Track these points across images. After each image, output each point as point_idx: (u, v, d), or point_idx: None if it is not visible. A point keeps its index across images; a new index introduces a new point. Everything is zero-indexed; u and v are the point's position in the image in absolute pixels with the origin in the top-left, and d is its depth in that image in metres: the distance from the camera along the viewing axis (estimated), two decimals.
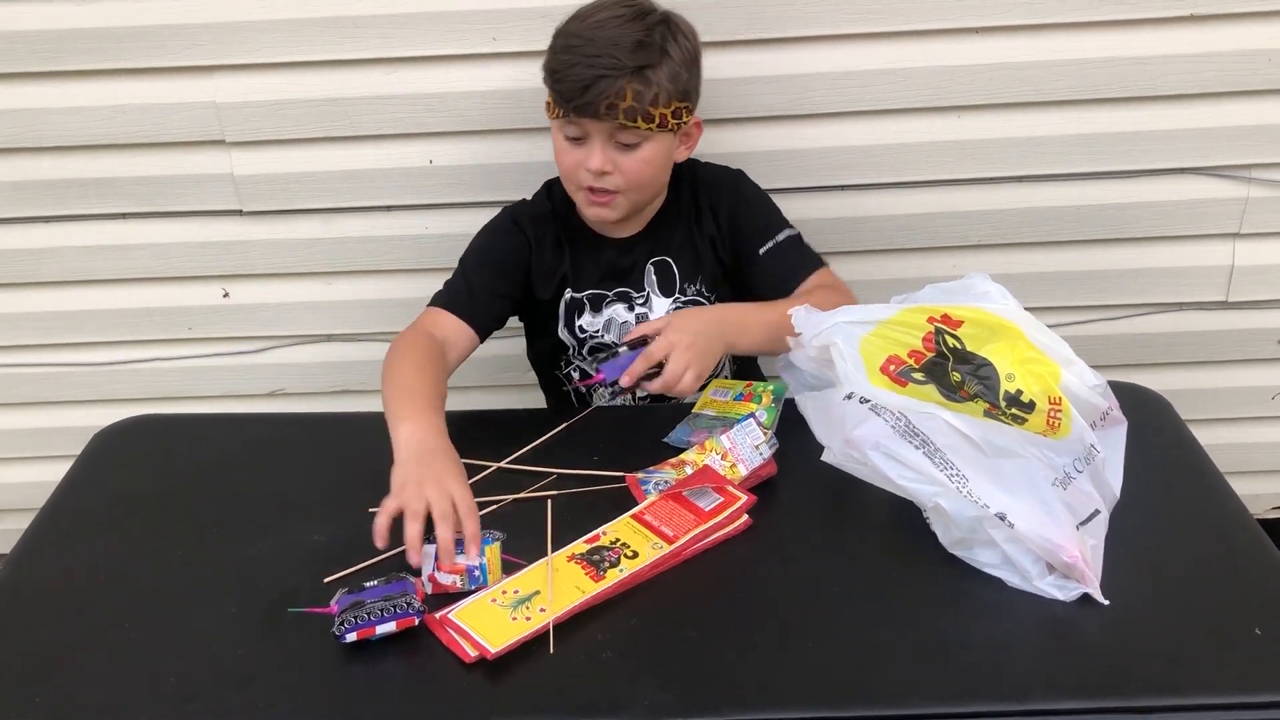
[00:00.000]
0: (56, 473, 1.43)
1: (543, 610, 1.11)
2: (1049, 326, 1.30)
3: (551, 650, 1.06)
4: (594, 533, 1.22)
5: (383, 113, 1.76)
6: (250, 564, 1.20)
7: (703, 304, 1.59)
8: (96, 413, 1.90)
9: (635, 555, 1.18)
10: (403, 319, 1.67)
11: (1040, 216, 1.84)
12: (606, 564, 1.17)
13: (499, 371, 1.91)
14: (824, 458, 1.25)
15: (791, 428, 1.34)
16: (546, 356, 1.67)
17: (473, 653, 1.07)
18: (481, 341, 1.54)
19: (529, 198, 1.63)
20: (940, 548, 1.19)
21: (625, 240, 1.59)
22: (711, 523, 1.22)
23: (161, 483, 1.34)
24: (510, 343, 1.72)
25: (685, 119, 1.49)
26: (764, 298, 1.55)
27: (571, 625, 1.10)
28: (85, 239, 1.87)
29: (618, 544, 1.20)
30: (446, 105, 1.75)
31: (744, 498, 1.25)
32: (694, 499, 1.25)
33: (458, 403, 2.07)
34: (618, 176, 1.47)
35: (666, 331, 1.41)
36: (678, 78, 1.44)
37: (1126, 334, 1.94)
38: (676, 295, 1.59)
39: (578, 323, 1.59)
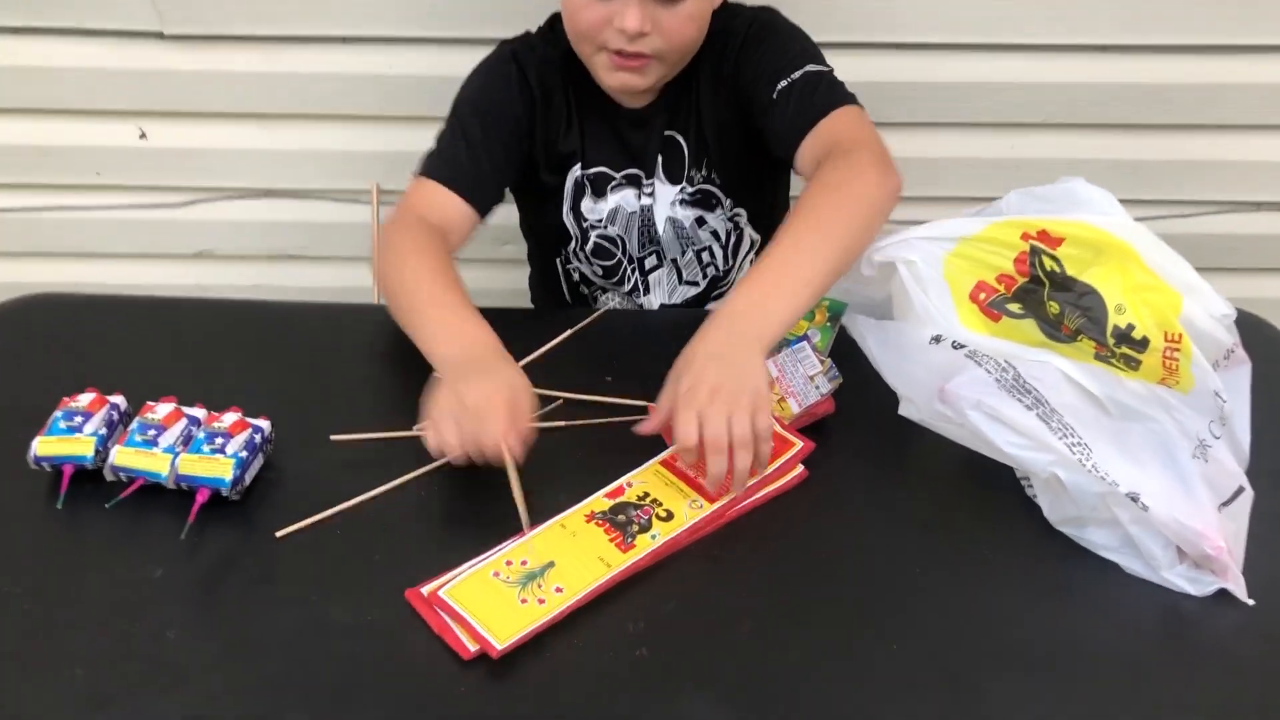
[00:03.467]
0: None
1: (559, 590, 0.88)
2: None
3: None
4: (616, 484, 0.99)
5: None
6: (176, 508, 0.94)
7: (713, 193, 1.31)
8: None
9: (669, 516, 0.96)
10: (359, 176, 1.39)
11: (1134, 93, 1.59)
12: (636, 527, 0.94)
13: (496, 245, 1.62)
14: (902, 411, 1.02)
15: (846, 353, 1.10)
16: (546, 241, 1.39)
17: (473, 647, 0.84)
18: (482, 221, 1.24)
19: (532, 31, 1.29)
20: (1037, 515, 0.98)
21: (639, 111, 1.28)
22: (761, 475, 0.99)
23: (58, 387, 1.05)
24: (509, 210, 1.38)
25: None
26: (775, 157, 1.23)
27: (593, 609, 0.88)
28: None
29: (647, 500, 0.97)
30: None
31: (799, 444, 1.02)
32: None
33: None
34: (656, 38, 1.16)
35: (676, 398, 0.97)
36: None
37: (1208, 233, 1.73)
38: (683, 184, 1.30)
39: (581, 206, 1.31)
